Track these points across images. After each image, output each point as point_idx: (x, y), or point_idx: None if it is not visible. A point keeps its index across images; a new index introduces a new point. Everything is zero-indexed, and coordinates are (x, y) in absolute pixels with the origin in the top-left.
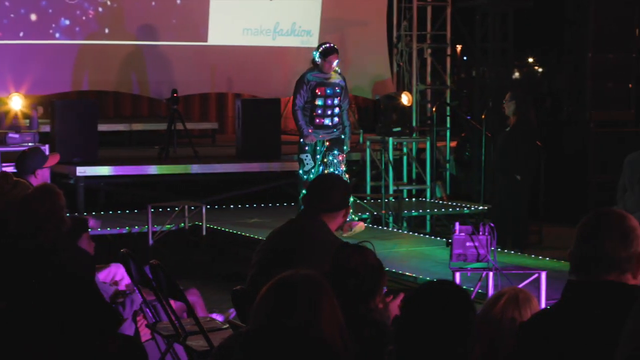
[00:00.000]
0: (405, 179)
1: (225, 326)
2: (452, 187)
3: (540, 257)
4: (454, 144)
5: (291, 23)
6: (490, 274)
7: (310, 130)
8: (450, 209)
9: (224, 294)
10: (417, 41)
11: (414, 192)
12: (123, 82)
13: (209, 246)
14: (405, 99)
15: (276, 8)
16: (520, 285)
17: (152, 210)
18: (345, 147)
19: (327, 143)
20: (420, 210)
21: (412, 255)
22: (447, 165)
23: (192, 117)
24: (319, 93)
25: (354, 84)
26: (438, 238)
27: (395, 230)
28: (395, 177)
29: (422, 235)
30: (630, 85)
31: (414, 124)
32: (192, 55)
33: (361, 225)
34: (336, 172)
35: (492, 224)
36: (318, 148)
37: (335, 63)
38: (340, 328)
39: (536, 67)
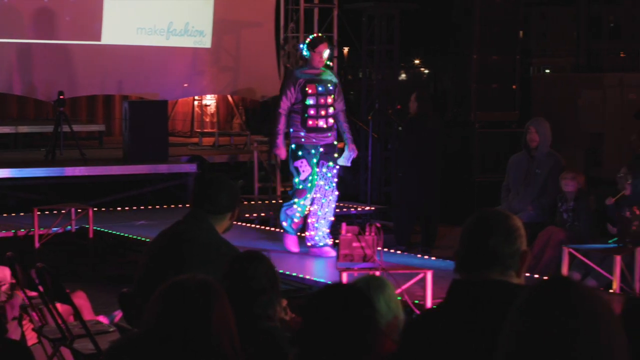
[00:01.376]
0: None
1: (112, 329)
2: (339, 188)
3: (426, 257)
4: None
5: (184, 23)
6: (377, 273)
7: (280, 144)
8: (338, 210)
9: (111, 297)
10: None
11: None
12: (10, 83)
13: (96, 249)
14: None
15: (170, 7)
16: (407, 285)
17: (39, 213)
18: (343, 157)
19: (322, 149)
20: None
21: (299, 256)
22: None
23: (79, 119)
24: (310, 91)
25: (244, 85)
26: None
27: (282, 231)
28: (283, 178)
29: None
30: (514, 87)
31: None
32: (85, 54)
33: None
34: (328, 187)
35: (378, 224)
36: (313, 152)
37: (326, 54)
38: (231, 334)
39: (422, 69)
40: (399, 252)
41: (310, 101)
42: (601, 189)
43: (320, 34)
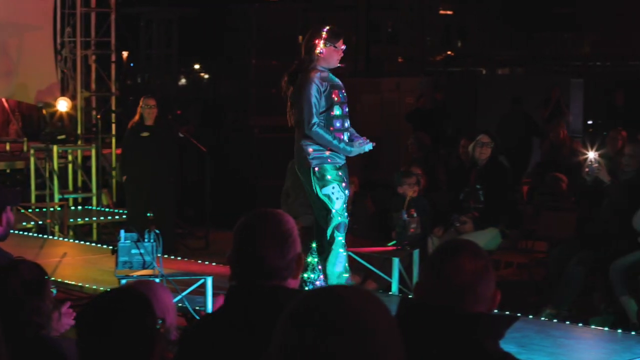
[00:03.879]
0: (71, 187)
1: None
2: (118, 194)
3: (207, 262)
4: (119, 151)
5: None
6: (157, 280)
7: (356, 141)
8: (117, 217)
9: None
10: (82, 48)
11: (80, 200)
12: None
13: None
14: (65, 105)
15: None
16: (187, 292)
17: None
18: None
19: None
20: (87, 219)
21: (78, 265)
22: (113, 172)
23: None
24: (336, 99)
25: (21, 90)
26: (104, 246)
27: (61, 239)
28: (60, 185)
29: (88, 243)
30: None
31: (79, 131)
32: None
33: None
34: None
35: (157, 231)
36: (341, 173)
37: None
38: None
39: (202, 74)
40: (179, 258)
41: (338, 111)
42: (379, 192)
43: (336, 26)
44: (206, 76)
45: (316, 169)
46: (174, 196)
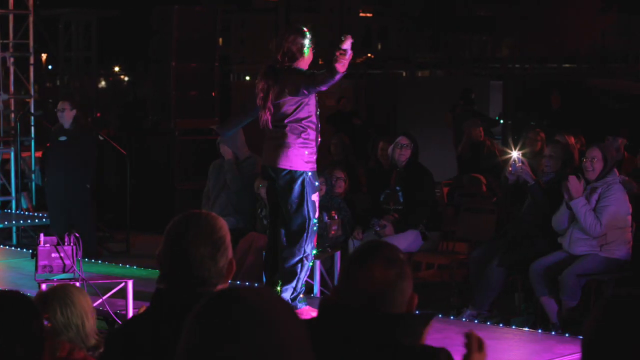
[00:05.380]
0: None
1: None
2: (38, 197)
3: (127, 266)
4: (39, 154)
5: None
6: (77, 284)
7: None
8: (37, 220)
9: None
10: None
11: None
12: None
13: None
14: None
15: None
16: (107, 295)
17: None
18: None
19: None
20: (6, 222)
21: None
22: (33, 175)
23: None
24: (317, 99)
25: None
26: (25, 250)
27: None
28: None
29: (8, 247)
30: (213, 94)
31: None
32: None
33: None
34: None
35: (77, 234)
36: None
37: None
38: None
39: (122, 76)
40: (99, 261)
41: (318, 111)
42: None
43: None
44: (126, 78)
45: (310, 173)
46: (92, 200)
